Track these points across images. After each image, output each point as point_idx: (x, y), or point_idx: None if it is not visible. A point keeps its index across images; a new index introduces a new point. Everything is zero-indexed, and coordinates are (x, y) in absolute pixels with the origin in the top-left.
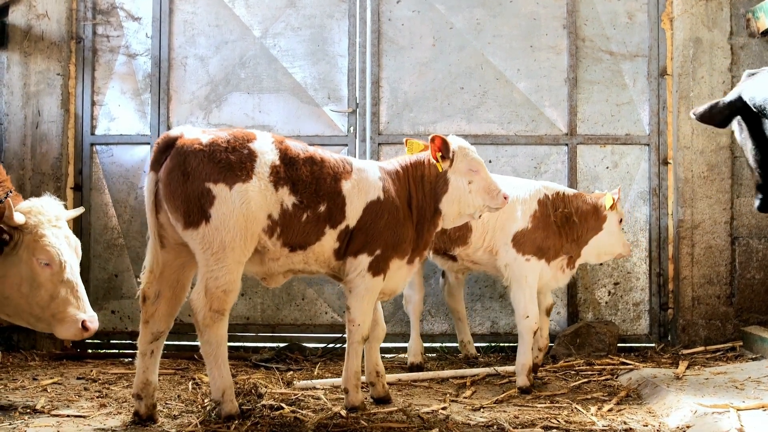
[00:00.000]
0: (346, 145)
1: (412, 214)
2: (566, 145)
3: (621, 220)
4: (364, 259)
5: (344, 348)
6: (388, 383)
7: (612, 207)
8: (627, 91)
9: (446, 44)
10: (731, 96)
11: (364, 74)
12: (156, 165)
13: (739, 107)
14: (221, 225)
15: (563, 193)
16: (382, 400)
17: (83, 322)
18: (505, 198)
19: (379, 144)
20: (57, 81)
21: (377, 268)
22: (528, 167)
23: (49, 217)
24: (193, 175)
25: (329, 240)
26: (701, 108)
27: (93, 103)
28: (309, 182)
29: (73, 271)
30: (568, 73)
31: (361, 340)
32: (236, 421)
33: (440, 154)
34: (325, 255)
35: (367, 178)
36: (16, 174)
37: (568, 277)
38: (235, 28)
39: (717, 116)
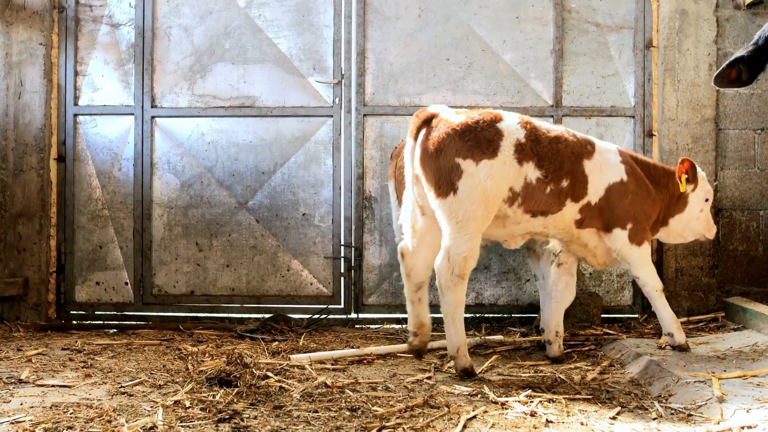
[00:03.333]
0: (332, 116)
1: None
2: (552, 116)
3: None
4: (621, 234)
5: (328, 319)
6: (380, 354)
7: None
8: (613, 63)
9: (432, 15)
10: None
11: (350, 45)
12: (416, 134)
13: None
14: (467, 197)
15: None
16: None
17: None
18: (715, 232)
19: (364, 115)
20: (39, 51)
21: (638, 238)
22: None
23: None
24: (445, 152)
25: (570, 211)
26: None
27: (76, 74)
28: (553, 159)
29: None
30: (554, 44)
31: (660, 291)
32: (223, 389)
33: (686, 176)
34: (565, 223)
35: (608, 160)
36: None
37: None
38: None
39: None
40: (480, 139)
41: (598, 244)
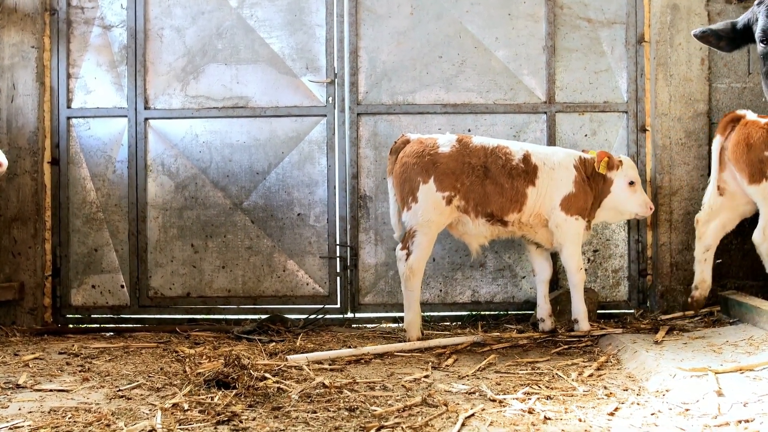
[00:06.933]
0: (325, 115)
1: None
2: (545, 113)
3: (632, 183)
4: None
5: (325, 319)
6: (378, 354)
7: (610, 169)
8: (605, 58)
9: (424, 13)
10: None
11: (342, 44)
12: (724, 131)
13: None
14: None
15: (583, 158)
16: None
17: None
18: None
19: (358, 114)
20: (31, 54)
21: None
22: (507, 136)
23: None
24: (755, 147)
25: None
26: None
27: (69, 76)
28: None
29: None
30: (546, 41)
31: None
32: (221, 391)
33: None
34: None
35: None
36: None
37: (586, 237)
38: None
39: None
40: None
41: None
